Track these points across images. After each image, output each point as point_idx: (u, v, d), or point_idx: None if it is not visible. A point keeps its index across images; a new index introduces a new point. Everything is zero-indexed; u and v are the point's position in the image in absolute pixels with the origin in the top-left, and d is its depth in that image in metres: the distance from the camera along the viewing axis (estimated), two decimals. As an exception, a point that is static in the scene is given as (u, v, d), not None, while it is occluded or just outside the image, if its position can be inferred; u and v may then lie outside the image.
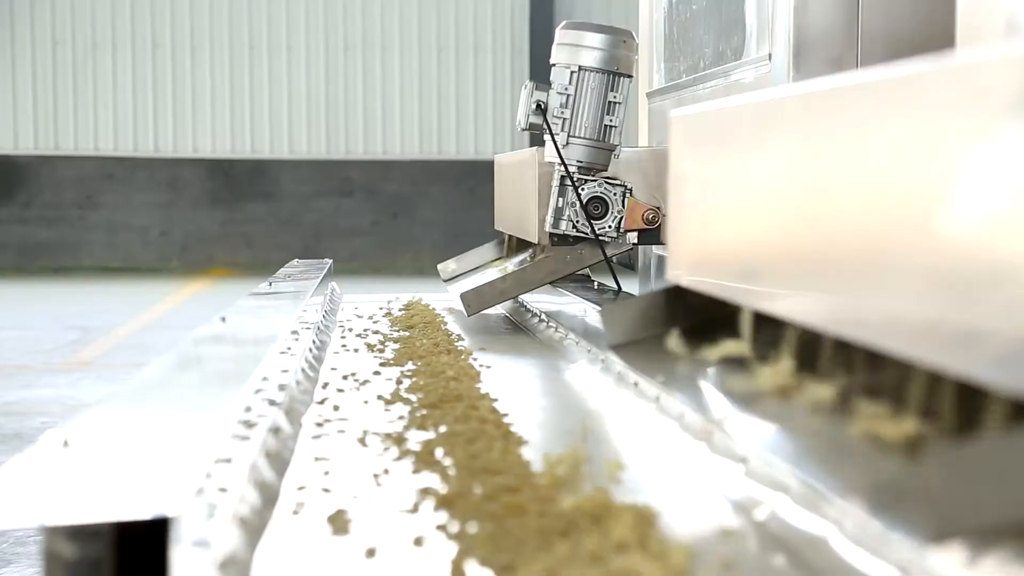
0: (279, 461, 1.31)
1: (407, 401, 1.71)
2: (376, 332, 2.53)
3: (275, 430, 1.37)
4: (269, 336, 1.83)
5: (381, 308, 3.03)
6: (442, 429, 1.50)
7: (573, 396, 1.88)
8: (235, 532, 1.01)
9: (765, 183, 1.45)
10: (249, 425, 1.30)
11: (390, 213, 13.88)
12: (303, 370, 1.83)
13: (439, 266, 3.59)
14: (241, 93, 13.91)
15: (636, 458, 1.41)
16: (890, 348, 1.07)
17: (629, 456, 1.42)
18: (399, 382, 1.88)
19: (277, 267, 3.38)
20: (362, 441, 1.45)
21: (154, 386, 1.36)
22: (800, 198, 1.32)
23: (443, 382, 1.83)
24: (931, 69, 1.02)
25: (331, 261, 3.44)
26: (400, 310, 2.97)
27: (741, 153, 1.56)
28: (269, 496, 1.18)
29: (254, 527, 1.07)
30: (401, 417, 1.60)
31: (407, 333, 2.50)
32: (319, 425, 1.55)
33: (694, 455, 1.38)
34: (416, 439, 1.45)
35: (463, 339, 2.43)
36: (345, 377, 1.95)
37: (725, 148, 1.64)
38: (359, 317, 2.83)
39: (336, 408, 1.67)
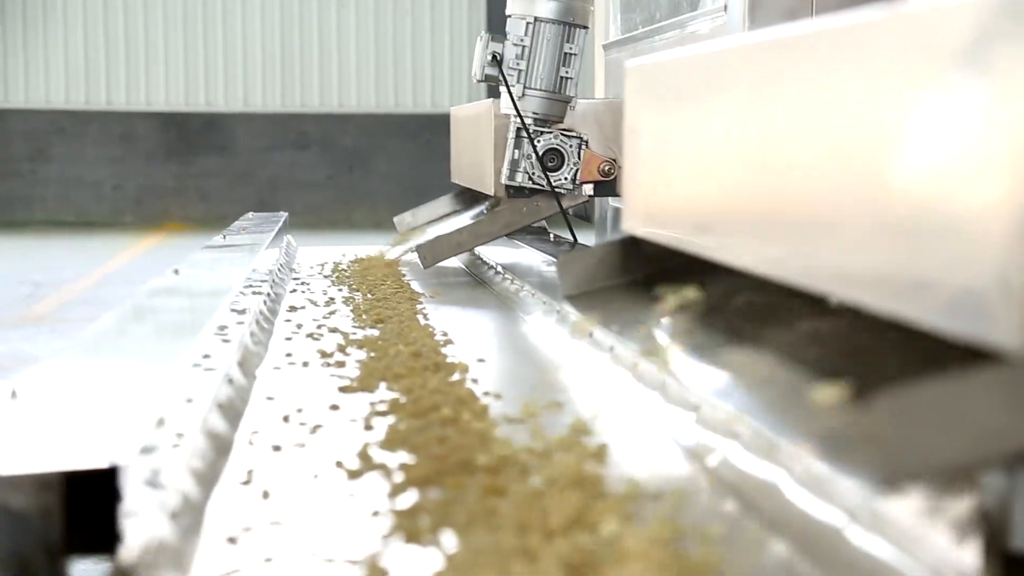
0: None
1: (384, 470, 1.09)
2: (334, 329, 1.94)
3: None
4: (225, 287, 1.82)
5: (340, 289, 2.46)
6: (451, 543, 0.89)
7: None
8: None
9: (719, 133, 1.45)
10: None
11: (346, 167, 13.80)
12: (210, 432, 1.15)
13: (395, 219, 3.58)
14: (195, 45, 13.75)
15: (590, 408, 1.42)
16: (842, 295, 1.08)
17: (584, 407, 1.43)
18: (368, 426, 1.28)
19: (232, 221, 3.35)
20: None
21: (106, 338, 1.35)
22: (754, 148, 1.32)
23: (437, 428, 1.23)
24: (885, 17, 1.02)
25: (286, 214, 3.42)
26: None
27: (695, 104, 1.56)
28: None
29: None
30: (376, 512, 0.98)
31: (375, 331, 1.91)
32: (231, 542, 0.91)
33: (648, 404, 1.39)
34: (408, 568, 0.85)
35: (451, 340, 1.83)
36: (286, 418, 1.32)
37: (679, 99, 1.64)
38: (314, 304, 2.23)
39: (266, 495, 1.03)
